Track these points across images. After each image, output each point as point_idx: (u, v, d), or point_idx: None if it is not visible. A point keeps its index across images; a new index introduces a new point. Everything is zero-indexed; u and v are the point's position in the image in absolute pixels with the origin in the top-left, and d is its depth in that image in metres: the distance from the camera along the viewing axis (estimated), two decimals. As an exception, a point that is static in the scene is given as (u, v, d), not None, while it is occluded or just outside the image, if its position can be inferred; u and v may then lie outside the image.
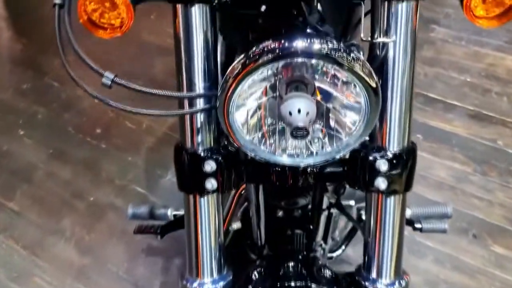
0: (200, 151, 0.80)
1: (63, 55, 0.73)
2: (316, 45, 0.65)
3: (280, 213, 1.24)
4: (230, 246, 1.28)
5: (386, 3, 0.73)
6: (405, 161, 0.80)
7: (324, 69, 0.69)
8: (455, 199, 1.93)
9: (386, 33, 0.74)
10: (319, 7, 0.82)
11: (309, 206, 1.19)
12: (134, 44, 2.63)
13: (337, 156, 0.76)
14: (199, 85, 0.77)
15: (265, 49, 0.66)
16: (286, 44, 0.65)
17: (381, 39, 0.72)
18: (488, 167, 2.05)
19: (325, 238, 1.31)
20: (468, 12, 0.73)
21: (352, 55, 0.66)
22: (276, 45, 0.65)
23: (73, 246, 1.85)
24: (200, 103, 0.77)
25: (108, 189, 2.02)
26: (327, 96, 0.72)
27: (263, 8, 0.82)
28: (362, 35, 0.73)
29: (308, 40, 0.65)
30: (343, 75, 0.69)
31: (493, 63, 2.50)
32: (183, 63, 0.77)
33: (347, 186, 0.93)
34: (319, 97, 0.72)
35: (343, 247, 1.48)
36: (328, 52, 0.65)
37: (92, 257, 1.81)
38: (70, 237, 1.88)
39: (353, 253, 1.61)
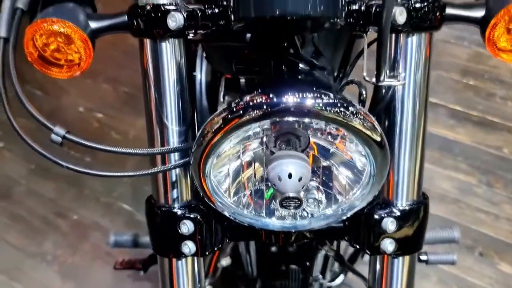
0: (176, 209, 0.69)
1: (6, 101, 0.61)
2: (309, 100, 0.53)
3: (274, 248, 1.15)
4: (219, 282, 1.20)
5: (393, 35, 0.61)
6: (416, 218, 0.69)
7: (318, 126, 0.58)
8: (459, 213, 1.84)
9: (394, 69, 0.62)
10: (314, 35, 0.70)
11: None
12: (120, 48, 2.50)
13: (340, 219, 0.65)
14: (173, 132, 0.65)
15: (250, 103, 0.54)
16: (275, 100, 0.53)
17: (388, 82, 0.60)
18: (493, 178, 1.95)
19: (323, 272, 1.20)
20: (491, 45, 0.63)
21: (351, 108, 0.55)
22: (263, 99, 0.54)
23: (55, 270, 1.76)
24: (174, 156, 0.66)
25: (93, 207, 1.93)
26: (324, 151, 0.61)
27: (248, 36, 0.71)
28: (364, 73, 0.61)
29: (300, 95, 0.53)
30: (341, 131, 0.58)
31: (497, 65, 2.39)
32: (152, 106, 0.65)
33: None
34: (314, 151, 0.60)
35: (342, 275, 1.37)
36: (323, 108, 0.53)
37: (75, 282, 1.72)
38: (51, 260, 1.78)
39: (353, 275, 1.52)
